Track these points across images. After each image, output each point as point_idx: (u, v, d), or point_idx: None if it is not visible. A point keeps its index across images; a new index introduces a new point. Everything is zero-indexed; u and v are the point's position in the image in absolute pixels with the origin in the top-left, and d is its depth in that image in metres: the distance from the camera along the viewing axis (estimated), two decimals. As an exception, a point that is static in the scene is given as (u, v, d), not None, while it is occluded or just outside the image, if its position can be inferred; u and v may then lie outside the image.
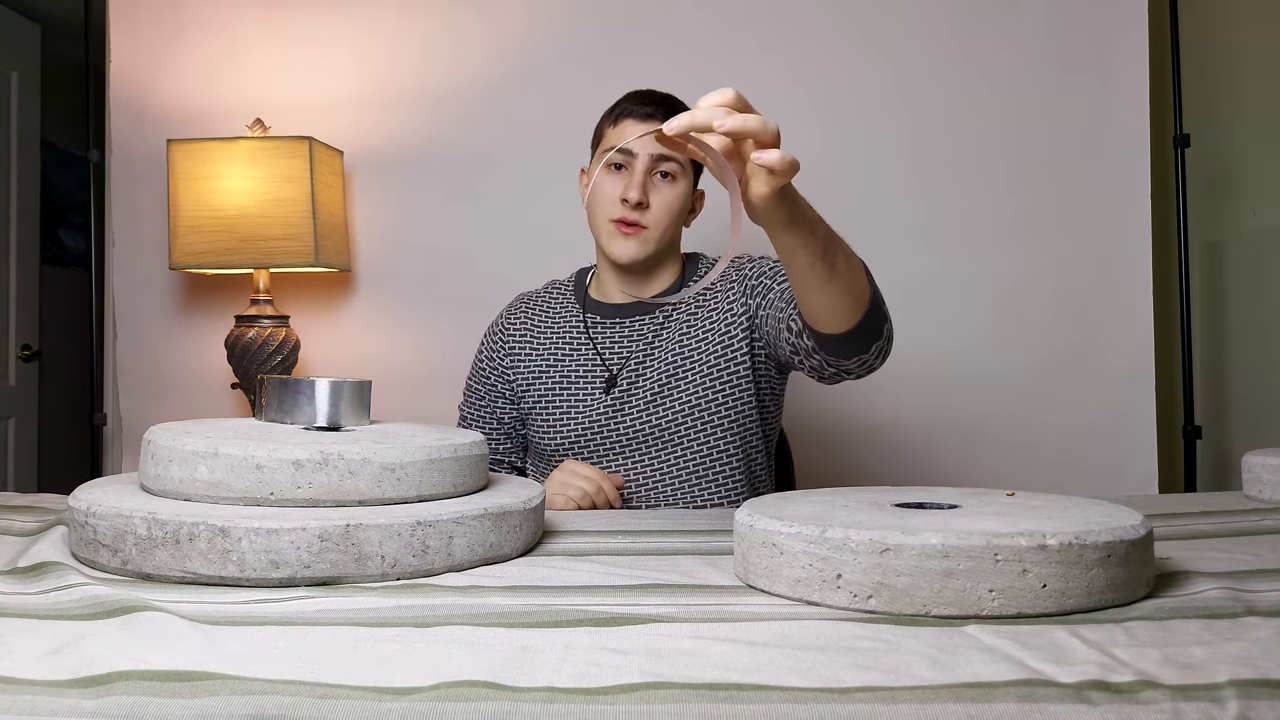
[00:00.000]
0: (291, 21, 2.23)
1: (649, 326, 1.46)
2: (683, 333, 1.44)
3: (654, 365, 1.43)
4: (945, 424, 2.14)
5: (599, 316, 1.49)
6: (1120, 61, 2.13)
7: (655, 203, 1.40)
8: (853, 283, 1.05)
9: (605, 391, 1.43)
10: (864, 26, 2.16)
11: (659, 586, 0.81)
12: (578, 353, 1.47)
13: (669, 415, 1.42)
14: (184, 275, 2.25)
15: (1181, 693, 0.57)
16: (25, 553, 0.89)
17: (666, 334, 1.45)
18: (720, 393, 1.42)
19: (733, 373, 1.42)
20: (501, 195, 2.20)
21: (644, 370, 1.43)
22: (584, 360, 1.47)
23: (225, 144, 2.02)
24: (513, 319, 1.55)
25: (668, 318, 1.46)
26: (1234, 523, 1.08)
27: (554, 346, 1.50)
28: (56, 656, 0.63)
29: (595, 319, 1.49)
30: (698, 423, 1.41)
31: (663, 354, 1.43)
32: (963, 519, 0.77)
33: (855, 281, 1.05)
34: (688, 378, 1.42)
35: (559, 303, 1.54)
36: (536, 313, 1.54)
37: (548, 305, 1.55)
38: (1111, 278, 2.13)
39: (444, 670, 0.61)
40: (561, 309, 1.53)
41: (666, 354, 1.43)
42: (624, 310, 1.48)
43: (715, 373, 1.42)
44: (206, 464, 0.85)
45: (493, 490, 0.97)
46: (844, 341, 1.11)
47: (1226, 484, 2.20)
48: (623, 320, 1.47)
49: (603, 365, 1.45)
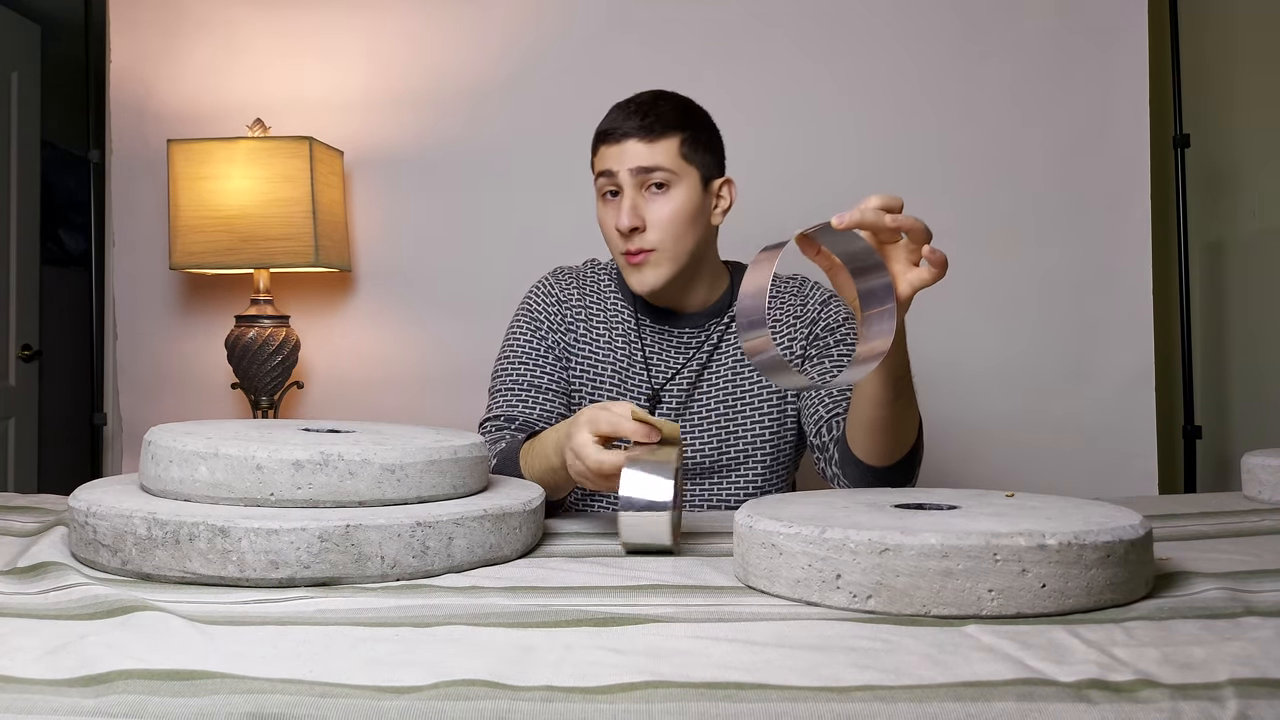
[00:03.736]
0: (291, 21, 2.23)
1: (700, 342, 1.37)
2: (738, 359, 1.36)
3: (705, 391, 1.36)
4: (945, 424, 2.14)
5: (649, 320, 1.38)
6: (1120, 61, 2.13)
7: (652, 220, 1.29)
8: (909, 432, 1.12)
9: (649, 406, 1.35)
10: (863, 27, 2.16)
11: (659, 587, 0.81)
12: (624, 353, 1.37)
13: (714, 454, 1.35)
14: (184, 275, 2.25)
15: (1181, 692, 0.57)
16: (25, 553, 0.90)
17: (720, 357, 1.36)
18: (773, 431, 1.35)
19: (784, 413, 1.35)
20: (502, 195, 2.20)
21: (694, 394, 1.35)
22: (631, 363, 1.36)
23: (225, 144, 2.02)
24: (567, 293, 1.41)
25: (721, 337, 1.37)
26: (1234, 523, 1.09)
27: (604, 339, 1.38)
28: (56, 656, 0.63)
29: (645, 321, 1.38)
30: (746, 463, 1.35)
31: (716, 379, 1.36)
32: (962, 519, 0.77)
33: (911, 431, 1.12)
34: (743, 413, 1.34)
35: (606, 289, 1.42)
36: (587, 294, 1.41)
37: (595, 290, 1.42)
38: (1112, 278, 2.13)
39: (443, 670, 0.61)
40: (609, 297, 1.41)
41: (720, 380, 1.36)
42: (674, 318, 1.38)
43: (768, 408, 1.35)
44: (207, 464, 0.85)
45: (492, 491, 0.97)
46: (870, 474, 1.14)
47: (1226, 484, 2.20)
48: (671, 329, 1.38)
49: (647, 375, 1.36)
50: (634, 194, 1.29)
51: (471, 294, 2.18)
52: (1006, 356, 2.14)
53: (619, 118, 1.32)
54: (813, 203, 2.14)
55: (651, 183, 1.29)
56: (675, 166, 1.29)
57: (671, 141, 1.30)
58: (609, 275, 1.44)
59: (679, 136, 1.30)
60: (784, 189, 2.08)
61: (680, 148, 1.30)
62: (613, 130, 1.31)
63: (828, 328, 1.36)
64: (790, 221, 2.12)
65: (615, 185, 1.31)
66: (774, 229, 1.44)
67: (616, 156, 1.30)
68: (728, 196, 1.38)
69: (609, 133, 1.32)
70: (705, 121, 1.36)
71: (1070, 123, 2.13)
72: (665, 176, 1.29)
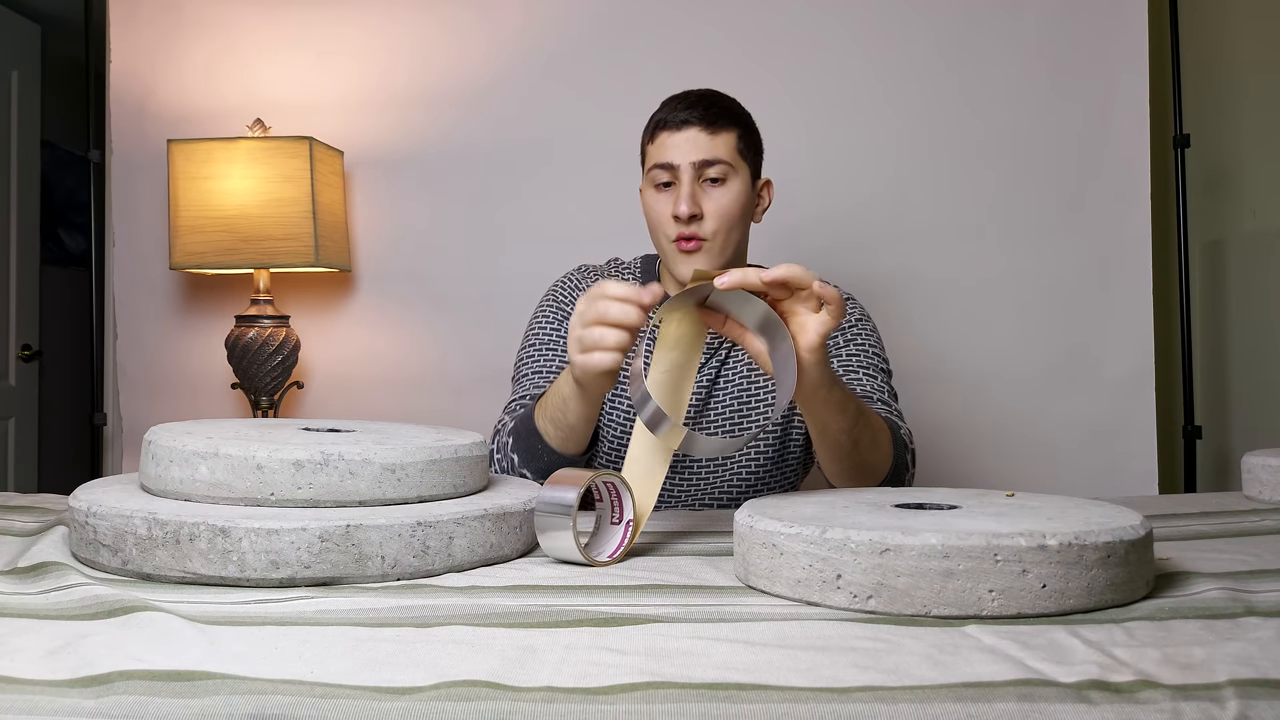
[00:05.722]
0: (291, 21, 2.23)
1: (720, 341, 1.36)
2: (744, 375, 1.36)
3: (723, 389, 1.36)
4: (945, 424, 2.14)
5: None
6: (1120, 61, 2.13)
7: (709, 210, 1.30)
8: (873, 460, 1.14)
9: None
10: (863, 28, 2.16)
11: (659, 587, 0.81)
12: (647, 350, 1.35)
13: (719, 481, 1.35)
14: (184, 275, 2.25)
15: (1181, 692, 0.57)
16: (25, 553, 0.89)
17: (737, 354, 1.37)
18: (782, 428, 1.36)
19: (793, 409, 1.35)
20: (501, 195, 2.20)
21: (713, 391, 1.36)
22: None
23: (225, 144, 2.02)
24: None
25: (729, 354, 1.37)
26: (1234, 523, 1.08)
27: None
28: (56, 656, 0.63)
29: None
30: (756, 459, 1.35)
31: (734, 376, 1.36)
32: (962, 519, 0.77)
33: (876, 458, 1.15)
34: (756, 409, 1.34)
35: None
36: None
37: None
38: (1112, 278, 2.13)
39: (444, 670, 0.61)
40: None
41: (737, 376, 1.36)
42: None
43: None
44: (207, 464, 0.85)
45: (493, 491, 0.97)
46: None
47: (1226, 484, 2.20)
48: None
49: None
50: (692, 184, 1.30)
51: (472, 293, 2.18)
52: (1006, 356, 2.14)
53: (679, 107, 1.32)
54: (812, 202, 2.15)
55: (709, 176, 1.30)
56: (733, 160, 1.31)
57: (730, 135, 1.31)
58: (633, 275, 1.45)
59: (736, 131, 1.32)
60: (781, 189, 2.08)
61: (737, 143, 1.32)
62: (674, 118, 1.31)
63: (838, 328, 1.36)
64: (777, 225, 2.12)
65: (672, 176, 1.31)
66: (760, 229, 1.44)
67: (678, 146, 1.30)
68: (767, 197, 1.41)
69: (668, 120, 1.31)
70: (753, 124, 1.38)
71: (1070, 123, 2.13)
72: (723, 170, 1.30)
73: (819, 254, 2.08)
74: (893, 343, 1.59)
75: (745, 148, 1.33)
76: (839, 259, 2.08)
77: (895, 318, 2.03)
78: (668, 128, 1.31)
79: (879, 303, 1.90)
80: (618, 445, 1.35)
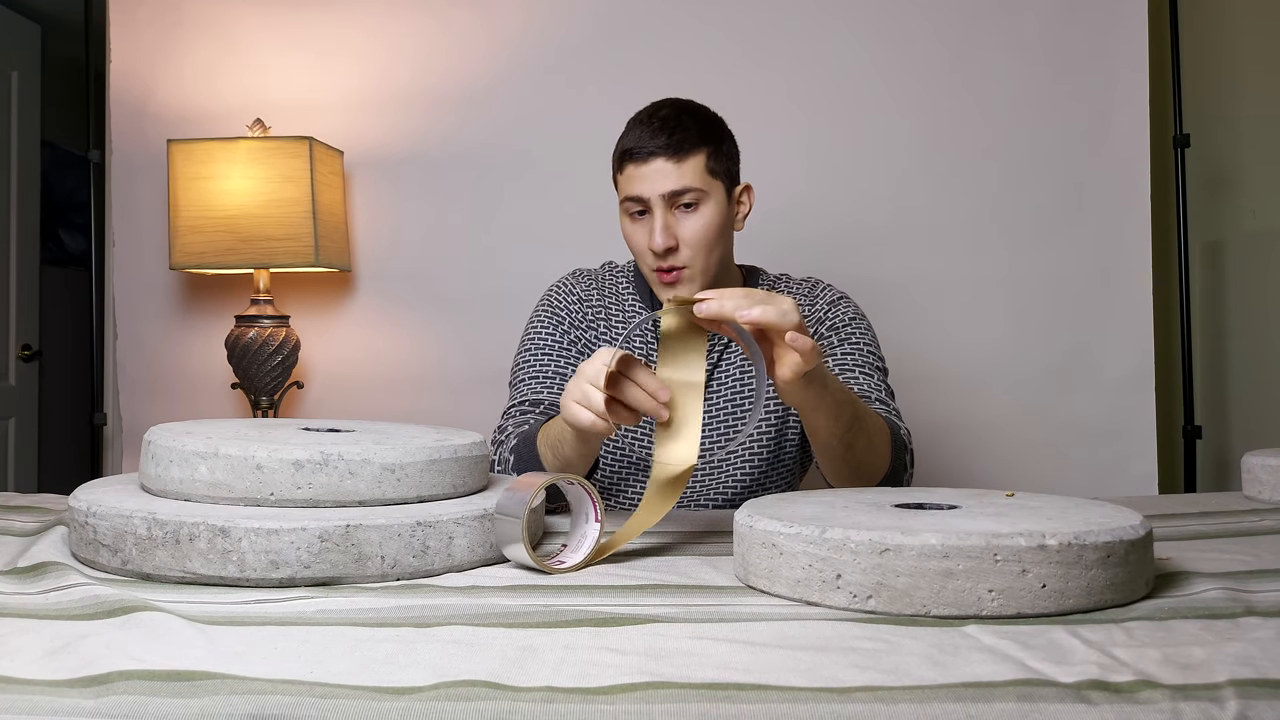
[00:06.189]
0: (291, 21, 2.23)
1: (712, 343, 1.36)
2: (745, 358, 1.36)
3: (716, 390, 1.35)
4: (945, 424, 2.14)
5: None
6: (1120, 62, 2.13)
7: (685, 238, 1.28)
8: (870, 461, 1.15)
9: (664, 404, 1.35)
10: (863, 28, 2.16)
11: (659, 587, 0.81)
12: (641, 353, 1.37)
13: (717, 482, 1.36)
14: (184, 275, 2.25)
15: (1181, 692, 0.57)
16: (25, 553, 0.90)
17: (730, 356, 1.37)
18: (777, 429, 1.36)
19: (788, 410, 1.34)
20: (501, 195, 2.20)
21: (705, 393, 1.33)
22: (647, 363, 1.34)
23: (225, 144, 2.02)
24: (588, 293, 1.42)
25: (724, 350, 1.38)
26: (1233, 523, 1.08)
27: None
28: (56, 656, 0.63)
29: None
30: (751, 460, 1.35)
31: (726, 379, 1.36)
32: (962, 519, 0.77)
33: (873, 460, 1.15)
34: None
35: (624, 291, 1.42)
36: (605, 295, 1.42)
37: (613, 291, 1.42)
38: (1111, 278, 2.13)
39: (444, 670, 0.61)
40: (627, 299, 1.42)
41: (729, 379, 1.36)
42: None
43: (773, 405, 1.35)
44: (207, 464, 0.85)
45: (493, 491, 0.97)
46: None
47: (1226, 484, 2.20)
48: None
49: None
50: (665, 214, 1.28)
51: (471, 294, 2.18)
52: (1006, 356, 2.14)
53: (644, 136, 1.28)
54: (813, 205, 2.15)
55: (684, 202, 1.28)
56: (703, 184, 1.28)
57: (698, 159, 1.28)
58: (626, 278, 1.45)
59: (704, 151, 1.29)
60: (781, 190, 2.08)
61: (706, 163, 1.29)
62: (639, 149, 1.28)
63: (833, 327, 1.37)
64: (778, 224, 2.12)
65: (644, 207, 1.30)
66: (760, 229, 1.45)
67: (645, 179, 1.28)
68: (747, 202, 1.38)
69: (634, 152, 1.28)
70: (725, 131, 1.35)
71: (1070, 123, 2.13)
72: (695, 196, 1.28)
73: (819, 253, 2.08)
74: (893, 342, 1.59)
75: (716, 165, 1.30)
76: (839, 258, 2.08)
77: (895, 317, 2.03)
78: (634, 160, 1.29)
79: (879, 302, 1.90)
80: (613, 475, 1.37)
